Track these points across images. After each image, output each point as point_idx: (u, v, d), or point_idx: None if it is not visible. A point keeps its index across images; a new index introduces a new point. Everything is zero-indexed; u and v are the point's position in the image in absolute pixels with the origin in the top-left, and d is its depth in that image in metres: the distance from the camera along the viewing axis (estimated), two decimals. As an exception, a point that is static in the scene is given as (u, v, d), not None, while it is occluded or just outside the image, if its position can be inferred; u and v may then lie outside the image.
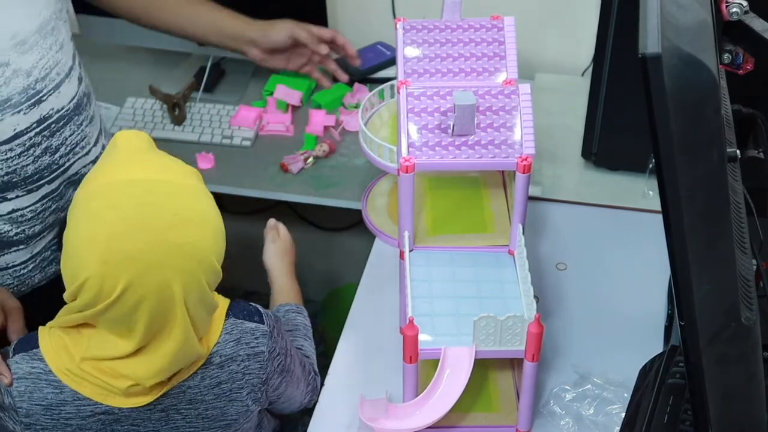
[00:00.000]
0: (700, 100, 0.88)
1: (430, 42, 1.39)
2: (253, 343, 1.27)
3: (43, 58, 1.42)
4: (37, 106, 1.42)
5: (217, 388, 1.26)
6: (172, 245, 1.14)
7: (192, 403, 1.26)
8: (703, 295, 0.89)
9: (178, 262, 1.15)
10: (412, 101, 1.31)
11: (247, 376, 1.27)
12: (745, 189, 1.09)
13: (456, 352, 1.23)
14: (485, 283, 1.34)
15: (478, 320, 1.20)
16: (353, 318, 1.54)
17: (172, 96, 2.05)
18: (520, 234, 1.34)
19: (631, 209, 1.71)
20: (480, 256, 1.39)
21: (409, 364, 1.24)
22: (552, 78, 2.04)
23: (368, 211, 1.63)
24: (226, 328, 1.26)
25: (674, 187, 0.84)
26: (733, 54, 1.06)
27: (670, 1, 0.87)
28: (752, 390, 1.01)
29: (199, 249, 1.17)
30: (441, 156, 1.29)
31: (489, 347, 1.23)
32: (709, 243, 0.91)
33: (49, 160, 1.46)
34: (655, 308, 1.49)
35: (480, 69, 1.38)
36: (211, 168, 1.92)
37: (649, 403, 1.24)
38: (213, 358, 1.25)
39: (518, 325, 1.20)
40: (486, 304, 1.30)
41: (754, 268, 1.10)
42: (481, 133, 1.30)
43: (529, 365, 1.25)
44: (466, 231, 1.42)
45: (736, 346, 0.97)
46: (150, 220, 1.14)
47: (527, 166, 1.28)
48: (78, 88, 1.50)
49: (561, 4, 2.03)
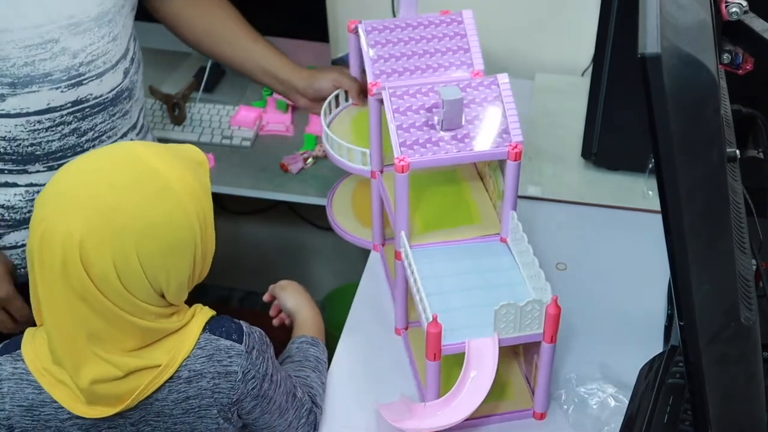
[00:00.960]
0: (700, 100, 0.88)
1: (393, 41, 1.42)
2: (226, 362, 1.21)
3: (93, 44, 1.45)
4: (77, 87, 1.45)
5: (184, 402, 1.21)
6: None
7: (160, 416, 1.22)
8: (703, 295, 0.89)
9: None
10: (396, 101, 1.32)
11: (217, 395, 1.21)
12: (744, 189, 1.09)
13: (480, 343, 1.24)
14: (487, 272, 1.35)
15: (499, 309, 1.21)
16: (353, 318, 1.54)
17: (172, 96, 2.05)
18: (515, 221, 1.36)
19: (631, 209, 1.71)
20: (474, 247, 1.40)
21: (433, 361, 1.24)
22: (552, 78, 2.04)
23: (333, 212, 1.67)
24: (200, 343, 1.20)
25: (674, 187, 0.84)
26: (733, 54, 1.06)
27: (670, 1, 0.87)
28: (752, 390, 1.01)
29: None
30: (433, 152, 1.30)
31: (509, 334, 1.24)
32: (709, 243, 0.91)
33: (74, 141, 1.48)
34: (655, 308, 1.49)
35: (447, 64, 1.42)
36: (211, 168, 1.90)
37: (649, 403, 1.24)
38: (181, 372, 1.19)
39: (537, 309, 1.22)
40: (494, 293, 1.30)
41: (754, 268, 1.10)
42: (468, 125, 1.31)
43: (546, 347, 1.26)
44: (454, 225, 1.44)
45: (736, 346, 0.97)
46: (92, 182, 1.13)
47: (518, 153, 1.30)
48: (122, 80, 1.52)
49: (561, 4, 2.03)
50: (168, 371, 1.18)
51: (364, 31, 1.44)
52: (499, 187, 1.40)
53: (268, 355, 1.26)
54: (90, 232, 1.09)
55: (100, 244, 1.10)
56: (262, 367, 1.23)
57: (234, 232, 2.56)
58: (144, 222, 1.11)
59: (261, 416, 1.26)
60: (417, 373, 1.42)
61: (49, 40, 1.40)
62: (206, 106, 2.07)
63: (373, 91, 1.40)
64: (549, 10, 2.04)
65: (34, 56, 1.39)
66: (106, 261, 1.10)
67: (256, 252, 2.66)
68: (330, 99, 1.62)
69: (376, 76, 1.41)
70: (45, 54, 1.40)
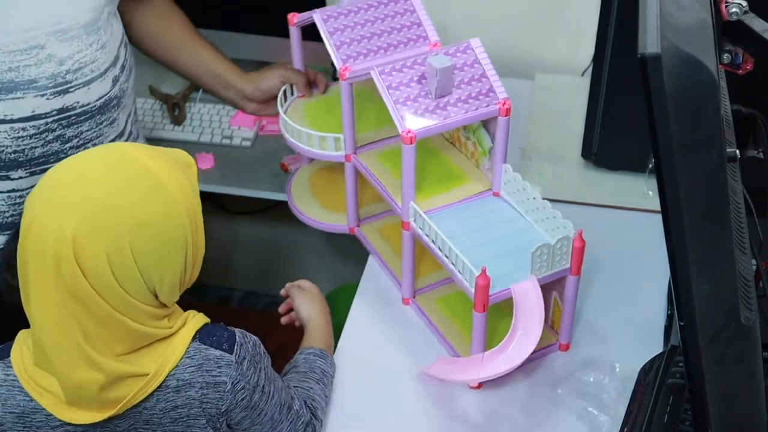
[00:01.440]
0: (700, 100, 0.88)
1: (351, 26, 1.51)
2: (215, 372, 1.19)
3: (81, 52, 1.42)
4: (63, 95, 1.42)
5: (173, 411, 1.20)
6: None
7: (149, 424, 1.21)
8: (703, 295, 0.89)
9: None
10: (387, 78, 1.39)
11: (205, 405, 1.20)
12: (744, 189, 1.09)
13: (522, 287, 1.31)
14: (494, 225, 1.43)
15: (535, 251, 1.29)
16: (353, 318, 1.54)
17: (172, 96, 2.05)
18: (510, 173, 1.44)
19: (631, 209, 1.71)
20: (473, 205, 1.47)
21: (481, 313, 1.30)
22: (552, 78, 2.04)
23: (297, 206, 1.71)
24: (189, 353, 1.19)
25: (674, 187, 0.84)
26: (733, 54, 1.06)
27: (670, 1, 0.87)
28: (752, 390, 1.01)
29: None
30: (435, 120, 1.37)
31: (544, 273, 1.33)
32: (708, 243, 0.91)
33: (58, 147, 1.46)
34: (655, 308, 1.49)
35: (405, 40, 1.52)
36: (211, 168, 1.92)
37: (649, 403, 1.24)
38: (169, 381, 1.18)
39: (566, 245, 1.32)
40: (511, 242, 1.39)
41: (754, 268, 1.10)
42: (457, 90, 1.39)
43: (573, 279, 1.36)
44: (447, 189, 1.50)
45: (735, 346, 0.97)
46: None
47: (508, 109, 1.39)
48: (111, 89, 1.50)
49: (561, 4, 2.03)
50: (156, 380, 1.17)
51: (321, 20, 1.50)
52: (483, 145, 1.48)
53: (262, 366, 1.23)
54: (83, 227, 1.09)
55: (94, 239, 1.09)
56: (254, 378, 1.22)
57: (234, 232, 2.56)
58: (138, 219, 1.11)
59: (251, 427, 1.25)
60: (442, 334, 1.46)
61: (34, 46, 1.37)
62: (206, 106, 2.07)
63: (346, 75, 1.46)
64: (549, 10, 2.04)
65: (19, 62, 1.36)
66: (99, 256, 1.09)
67: (256, 252, 2.66)
68: (280, 96, 1.66)
69: (344, 60, 1.49)
70: (30, 60, 1.37)
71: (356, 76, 1.48)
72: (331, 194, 1.72)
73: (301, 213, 1.71)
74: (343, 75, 1.47)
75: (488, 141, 1.47)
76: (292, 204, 1.72)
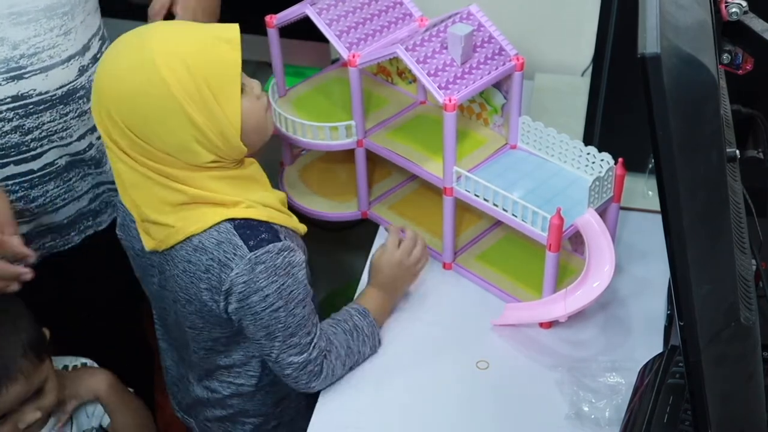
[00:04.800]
0: (700, 100, 0.88)
1: (343, 15, 1.55)
2: (229, 255, 1.25)
3: (37, 36, 1.38)
4: (16, 81, 1.38)
5: (187, 263, 1.28)
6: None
7: (169, 264, 1.31)
8: (703, 295, 0.89)
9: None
10: (412, 54, 1.42)
11: (209, 275, 1.27)
12: (744, 189, 1.09)
13: (584, 220, 1.40)
14: (528, 174, 1.51)
15: (591, 185, 1.38)
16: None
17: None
18: (528, 123, 1.52)
19: (631, 209, 1.71)
20: (499, 161, 1.54)
21: (555, 253, 1.39)
22: (552, 78, 2.03)
23: (295, 199, 1.73)
24: (219, 228, 1.26)
25: (674, 187, 0.84)
26: (733, 54, 1.06)
27: (670, 1, 0.87)
28: (752, 390, 1.01)
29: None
30: (467, 84, 1.43)
31: (597, 204, 1.42)
32: (708, 243, 0.91)
33: (18, 139, 1.42)
34: (655, 308, 1.49)
35: (394, 20, 1.59)
36: (211, 168, 1.91)
37: (649, 403, 1.24)
38: (194, 239, 1.27)
39: (610, 175, 1.42)
40: (554, 183, 1.48)
41: (754, 268, 1.10)
42: (474, 54, 1.46)
43: (614, 206, 1.47)
44: (469, 152, 1.56)
45: (735, 346, 0.97)
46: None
47: (522, 64, 1.48)
48: (76, 78, 1.46)
49: (561, 4, 2.03)
50: (177, 235, 1.27)
51: (315, 14, 1.53)
52: (493, 103, 1.56)
53: (278, 280, 1.27)
54: (95, 98, 1.23)
55: (99, 108, 1.22)
56: (261, 283, 1.26)
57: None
58: (118, 92, 1.20)
59: (246, 325, 1.30)
60: (496, 286, 1.53)
61: None
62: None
63: (356, 62, 1.48)
64: (549, 10, 2.04)
65: None
66: (113, 120, 1.21)
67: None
68: (272, 85, 1.66)
69: (350, 48, 1.52)
70: None
71: (366, 62, 1.49)
72: (329, 185, 1.74)
73: (305, 208, 1.70)
74: (353, 62, 1.48)
75: (500, 98, 1.55)
76: (294, 202, 1.71)
